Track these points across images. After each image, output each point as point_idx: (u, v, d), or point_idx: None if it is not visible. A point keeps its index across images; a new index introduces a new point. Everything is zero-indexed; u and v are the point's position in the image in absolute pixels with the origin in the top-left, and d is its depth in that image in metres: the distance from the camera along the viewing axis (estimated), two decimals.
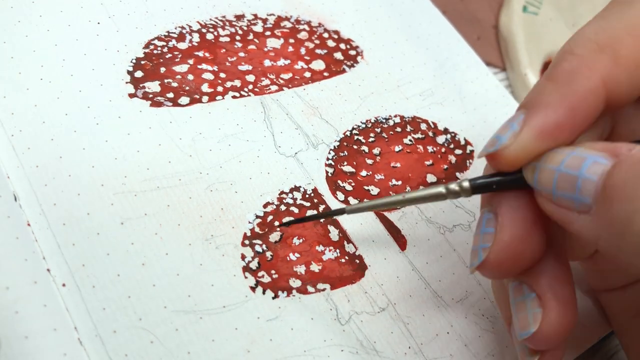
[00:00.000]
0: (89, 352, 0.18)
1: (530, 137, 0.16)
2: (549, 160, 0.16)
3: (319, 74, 0.27)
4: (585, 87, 0.16)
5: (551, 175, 0.16)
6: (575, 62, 0.17)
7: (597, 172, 0.15)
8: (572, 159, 0.15)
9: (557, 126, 0.16)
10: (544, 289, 0.18)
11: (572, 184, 0.15)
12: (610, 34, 0.17)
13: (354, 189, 0.25)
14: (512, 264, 0.18)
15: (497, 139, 0.17)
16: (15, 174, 0.20)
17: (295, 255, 0.22)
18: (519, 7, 0.36)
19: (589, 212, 0.15)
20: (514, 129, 0.17)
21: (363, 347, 0.21)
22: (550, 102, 0.16)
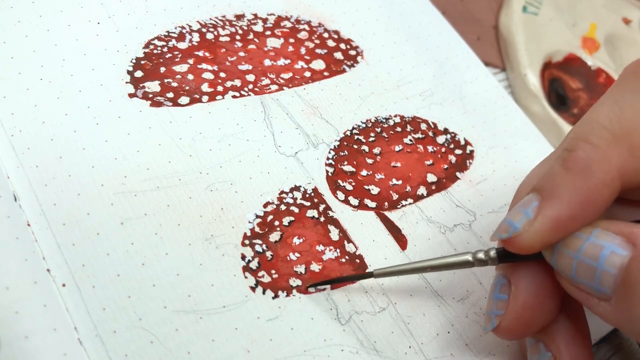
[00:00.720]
0: (89, 352, 0.18)
1: (545, 228, 0.16)
2: (567, 245, 0.16)
3: (319, 74, 0.27)
4: (601, 180, 0.16)
5: (570, 262, 0.16)
6: (590, 152, 0.17)
7: (615, 264, 0.15)
8: (590, 246, 0.16)
9: (571, 218, 0.16)
10: (559, 349, 0.18)
11: (591, 274, 0.16)
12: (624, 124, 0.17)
13: (354, 188, 0.25)
14: (524, 330, 0.18)
15: (510, 226, 0.17)
16: (15, 174, 0.20)
17: (295, 255, 0.22)
18: (519, 7, 0.36)
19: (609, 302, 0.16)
20: (528, 216, 0.17)
21: (363, 347, 0.21)
22: (564, 194, 0.16)
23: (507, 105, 0.30)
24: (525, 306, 0.18)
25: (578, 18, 0.37)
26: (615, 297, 0.15)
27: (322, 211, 0.23)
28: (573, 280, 0.16)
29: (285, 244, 0.22)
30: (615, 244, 0.15)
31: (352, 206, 0.24)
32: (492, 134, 0.29)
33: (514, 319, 0.18)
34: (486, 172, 0.27)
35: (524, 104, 0.33)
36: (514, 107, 0.30)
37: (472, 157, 0.28)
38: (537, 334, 0.19)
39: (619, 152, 0.17)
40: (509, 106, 0.30)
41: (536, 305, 0.18)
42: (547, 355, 0.18)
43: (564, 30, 0.36)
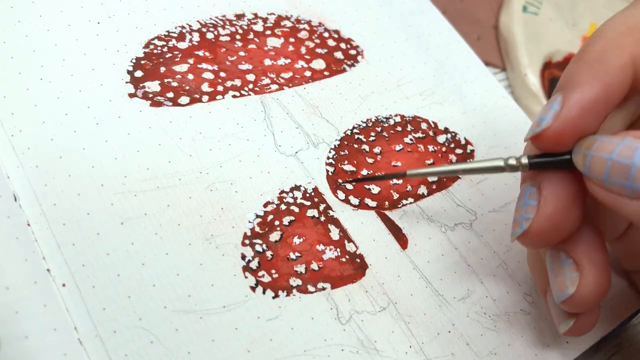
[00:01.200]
0: (89, 352, 0.18)
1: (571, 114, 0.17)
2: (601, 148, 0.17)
3: (319, 73, 0.27)
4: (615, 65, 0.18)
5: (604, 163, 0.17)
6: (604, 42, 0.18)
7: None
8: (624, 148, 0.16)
9: (594, 101, 0.17)
10: (580, 255, 0.19)
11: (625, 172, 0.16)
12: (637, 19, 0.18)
13: (354, 188, 0.24)
14: (552, 234, 0.19)
15: (541, 120, 0.18)
16: (15, 174, 0.20)
17: (295, 254, 0.22)
18: (519, 7, 0.36)
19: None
20: (555, 109, 0.18)
21: (364, 347, 0.21)
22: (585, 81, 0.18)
23: (507, 105, 0.30)
24: (555, 209, 0.18)
25: (578, 18, 0.37)
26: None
27: (322, 211, 0.23)
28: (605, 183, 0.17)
29: (285, 244, 0.22)
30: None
31: (352, 205, 0.24)
32: (492, 134, 0.29)
33: (544, 222, 0.18)
34: None
35: (524, 103, 0.33)
36: (514, 107, 0.30)
37: (472, 157, 0.28)
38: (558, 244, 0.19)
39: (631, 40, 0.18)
40: (509, 106, 0.30)
41: (565, 211, 0.18)
42: (568, 262, 0.19)
43: (564, 30, 0.36)
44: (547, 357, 0.23)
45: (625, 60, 0.18)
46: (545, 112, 0.18)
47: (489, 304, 0.23)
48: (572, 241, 0.19)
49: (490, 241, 0.25)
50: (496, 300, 0.24)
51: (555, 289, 0.19)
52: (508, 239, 0.26)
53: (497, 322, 0.23)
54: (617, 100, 0.18)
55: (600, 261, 0.19)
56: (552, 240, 0.19)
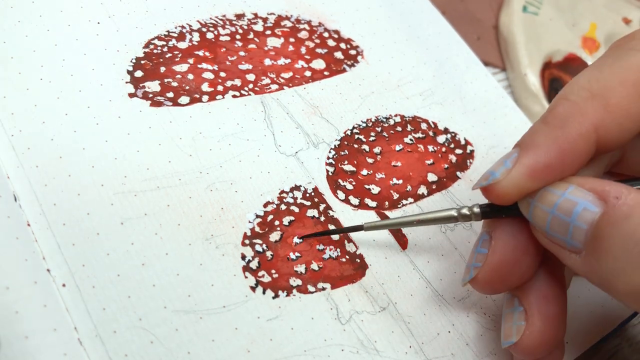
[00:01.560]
0: (89, 352, 0.18)
1: (521, 175, 0.17)
2: (543, 200, 0.17)
3: (319, 73, 0.27)
4: (576, 132, 0.18)
5: (545, 216, 0.17)
6: (568, 107, 0.18)
7: (587, 220, 0.16)
8: (564, 202, 0.17)
9: (547, 166, 0.17)
10: (530, 305, 0.19)
11: (564, 228, 0.17)
12: (602, 83, 0.18)
13: (354, 188, 0.24)
14: (499, 284, 0.19)
15: (491, 174, 0.18)
16: (15, 174, 0.20)
17: (295, 254, 0.22)
18: (519, 7, 0.36)
19: (580, 254, 0.16)
20: (507, 166, 0.18)
21: (364, 347, 0.21)
22: (542, 144, 0.18)
23: (506, 105, 0.30)
24: (502, 260, 0.19)
25: (578, 18, 0.37)
26: (585, 251, 0.16)
27: (322, 211, 0.23)
28: (547, 234, 0.17)
29: (285, 244, 0.22)
30: (588, 200, 0.16)
31: (352, 205, 0.24)
32: (492, 134, 0.29)
33: (490, 271, 0.19)
34: None
35: (524, 103, 0.33)
36: (513, 107, 0.30)
37: (472, 157, 0.28)
38: (513, 290, 0.20)
39: (595, 107, 0.18)
40: (509, 106, 0.30)
41: (513, 260, 0.19)
42: (519, 309, 0.19)
43: (564, 30, 0.36)
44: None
45: (587, 128, 0.18)
46: (497, 167, 0.18)
47: (488, 304, 0.23)
48: (526, 289, 0.19)
49: None
50: (496, 301, 0.24)
51: (502, 334, 0.20)
52: None
53: (496, 322, 0.23)
54: (575, 167, 0.18)
55: (550, 314, 0.19)
56: (501, 288, 0.19)
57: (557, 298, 0.19)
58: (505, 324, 0.20)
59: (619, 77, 0.18)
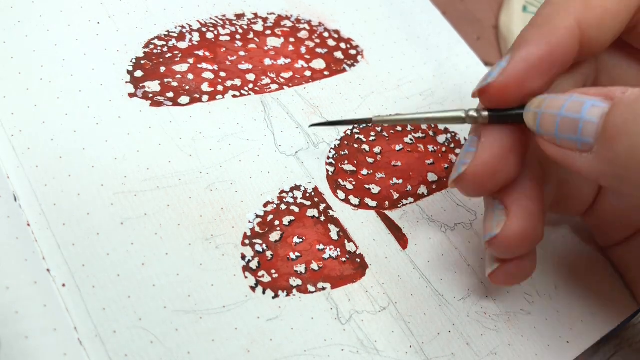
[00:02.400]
0: (89, 352, 0.18)
1: (516, 69, 0.18)
2: (550, 105, 0.18)
3: (319, 73, 0.27)
4: (561, 26, 0.18)
5: (553, 120, 0.17)
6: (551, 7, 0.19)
7: (596, 114, 0.16)
8: (572, 103, 0.17)
9: (539, 58, 0.18)
10: (511, 201, 0.20)
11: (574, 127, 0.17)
12: None
13: (354, 187, 0.24)
14: (487, 180, 0.19)
15: (488, 75, 0.19)
16: (15, 174, 0.20)
17: (295, 254, 0.22)
18: (519, 7, 0.36)
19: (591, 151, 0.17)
20: (502, 65, 0.19)
21: (364, 347, 0.21)
22: (531, 40, 0.19)
23: None
24: (491, 156, 0.19)
25: None
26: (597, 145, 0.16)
27: (322, 210, 0.23)
28: (556, 138, 0.17)
29: (285, 244, 0.22)
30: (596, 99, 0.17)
31: (352, 205, 0.24)
32: None
33: (479, 167, 0.19)
34: None
35: None
36: None
37: None
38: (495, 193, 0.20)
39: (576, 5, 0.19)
40: None
41: (500, 158, 0.19)
42: (499, 207, 0.20)
43: None
44: (547, 356, 0.23)
45: (570, 22, 0.18)
46: (493, 69, 0.19)
47: (489, 304, 0.23)
48: (507, 190, 0.20)
49: None
50: (496, 300, 0.24)
51: (484, 229, 0.20)
52: None
53: (497, 322, 0.23)
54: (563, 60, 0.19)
55: (530, 208, 0.20)
56: (487, 186, 0.20)
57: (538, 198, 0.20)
58: (486, 222, 0.20)
59: None
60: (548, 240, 0.26)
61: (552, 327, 0.24)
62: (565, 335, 0.23)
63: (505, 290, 0.24)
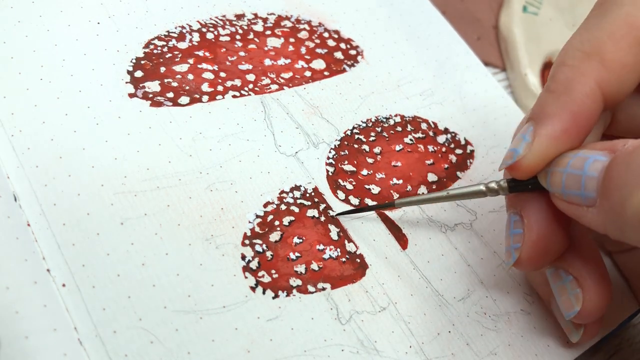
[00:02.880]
0: (89, 352, 0.18)
1: (543, 146, 0.18)
2: (558, 163, 0.18)
3: (319, 73, 0.27)
4: (582, 93, 0.18)
5: (560, 177, 0.18)
6: (568, 72, 0.19)
7: (597, 168, 0.17)
8: (576, 160, 0.17)
9: (564, 132, 0.18)
10: (579, 271, 0.20)
11: (577, 182, 0.17)
12: (593, 42, 0.19)
13: (354, 187, 0.24)
14: (542, 258, 0.20)
15: (514, 152, 0.19)
16: (15, 174, 0.20)
17: (295, 254, 0.22)
18: (519, 7, 0.36)
19: (595, 205, 0.17)
20: (527, 140, 0.19)
21: (364, 347, 0.21)
22: (554, 112, 0.18)
23: (507, 105, 0.30)
24: (540, 235, 0.19)
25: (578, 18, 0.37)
26: (599, 199, 0.17)
27: (322, 211, 0.23)
28: (563, 194, 0.18)
29: (285, 244, 0.22)
30: (599, 154, 0.17)
31: (352, 206, 0.24)
32: (492, 134, 0.29)
33: (531, 249, 0.19)
34: (487, 172, 0.27)
35: (524, 103, 0.33)
36: (513, 108, 0.30)
37: (472, 157, 0.28)
38: (554, 262, 0.20)
39: (593, 66, 0.19)
40: (509, 106, 0.30)
41: (549, 233, 0.19)
42: (569, 279, 0.20)
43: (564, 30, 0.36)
44: (547, 357, 0.23)
45: (591, 87, 0.18)
46: (518, 144, 0.19)
47: (489, 304, 0.23)
48: (568, 258, 0.20)
49: (490, 241, 0.25)
50: (496, 300, 0.24)
51: (563, 307, 0.20)
52: None
53: (497, 322, 0.23)
54: (589, 126, 0.19)
55: (599, 274, 0.20)
56: (545, 262, 0.20)
57: (598, 259, 0.20)
58: (561, 297, 0.20)
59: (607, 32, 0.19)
60: None
61: (552, 328, 0.24)
62: (565, 336, 0.23)
63: (505, 291, 0.24)
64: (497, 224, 0.26)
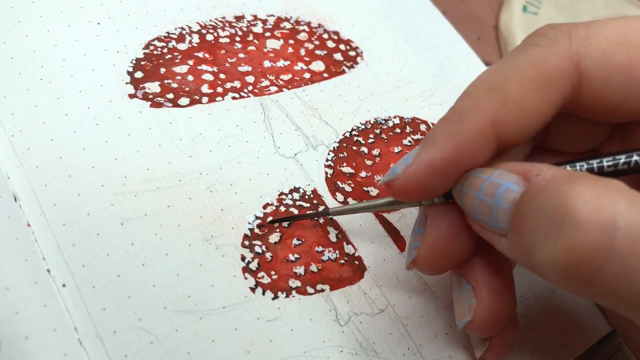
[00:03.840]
0: (89, 353, 0.18)
1: (418, 171, 0.18)
2: (471, 185, 0.17)
3: (318, 75, 0.27)
4: (472, 126, 0.17)
5: (473, 201, 0.17)
6: (466, 102, 0.18)
7: (509, 200, 0.16)
8: (489, 185, 0.17)
9: (444, 161, 0.17)
10: (477, 281, 0.19)
11: (489, 211, 0.16)
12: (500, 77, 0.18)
13: (353, 190, 0.25)
14: (440, 262, 0.19)
15: (392, 171, 0.18)
16: (15, 174, 0.20)
17: (294, 256, 0.22)
18: (519, 7, 0.36)
19: (506, 236, 0.16)
20: (407, 162, 0.18)
21: (362, 348, 0.21)
22: (439, 140, 0.17)
23: None
24: (438, 237, 0.19)
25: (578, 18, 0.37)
26: (510, 231, 0.16)
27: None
28: (476, 219, 0.17)
29: (284, 245, 0.22)
30: (512, 181, 0.16)
31: None
32: None
33: (429, 250, 0.19)
34: None
35: None
36: None
37: None
38: (458, 269, 0.20)
39: (492, 101, 0.17)
40: None
41: (449, 239, 0.19)
42: (467, 287, 0.19)
43: None
44: (544, 358, 0.23)
45: (482, 123, 0.17)
46: (400, 163, 0.18)
47: None
48: (471, 266, 0.19)
49: None
50: None
51: (456, 315, 0.20)
52: None
53: None
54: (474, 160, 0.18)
55: (497, 287, 0.19)
56: (443, 267, 0.19)
57: (502, 272, 0.19)
58: (456, 305, 0.20)
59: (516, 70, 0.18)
60: None
61: (549, 330, 0.24)
62: (561, 338, 0.24)
63: None
64: None
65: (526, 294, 0.24)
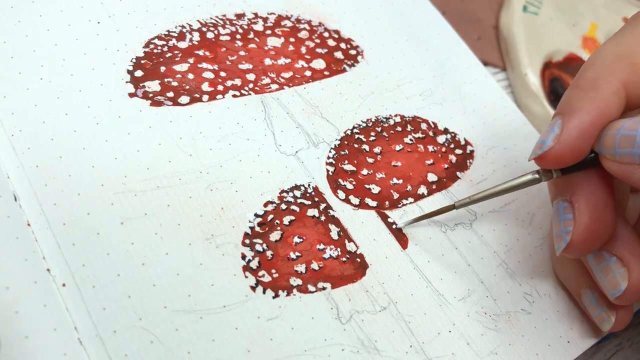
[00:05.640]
0: (89, 352, 0.18)
1: (571, 137, 0.19)
2: (611, 127, 0.19)
3: (319, 73, 0.27)
4: (609, 91, 0.20)
5: (613, 138, 0.19)
6: (597, 70, 0.20)
7: None
8: (630, 123, 0.19)
9: (591, 125, 0.19)
10: (623, 251, 0.21)
11: (631, 142, 0.18)
12: (626, 46, 0.20)
13: (354, 187, 0.24)
14: (594, 241, 0.20)
15: (543, 143, 0.20)
16: (15, 174, 0.20)
17: (295, 254, 0.22)
18: (519, 7, 0.36)
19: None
20: (555, 132, 0.20)
21: (364, 346, 0.21)
22: (582, 107, 0.20)
23: (506, 106, 0.30)
24: (591, 217, 0.20)
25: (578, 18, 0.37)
26: None
27: (322, 210, 0.23)
28: (616, 155, 0.19)
29: (285, 243, 0.22)
30: None
31: (352, 205, 0.24)
32: (491, 135, 0.29)
33: (583, 232, 0.20)
34: (486, 172, 0.27)
35: (525, 103, 0.33)
36: (513, 108, 0.30)
37: (472, 157, 0.28)
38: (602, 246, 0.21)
39: (621, 67, 0.20)
40: (509, 107, 0.30)
41: (600, 216, 0.20)
42: (612, 259, 0.21)
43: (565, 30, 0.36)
44: (548, 356, 0.23)
45: (617, 86, 0.20)
46: (546, 136, 0.20)
47: (489, 304, 0.23)
48: (612, 240, 0.21)
49: (490, 241, 0.25)
50: (497, 300, 0.24)
51: (608, 286, 0.21)
52: (508, 238, 0.26)
53: (497, 321, 0.23)
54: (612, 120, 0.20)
55: None
56: (595, 245, 0.21)
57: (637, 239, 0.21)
58: (606, 277, 0.21)
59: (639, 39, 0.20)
60: (549, 240, 0.26)
61: (553, 327, 0.24)
62: (566, 335, 0.23)
63: (506, 290, 0.24)
64: (497, 224, 0.26)
65: (530, 292, 0.24)
